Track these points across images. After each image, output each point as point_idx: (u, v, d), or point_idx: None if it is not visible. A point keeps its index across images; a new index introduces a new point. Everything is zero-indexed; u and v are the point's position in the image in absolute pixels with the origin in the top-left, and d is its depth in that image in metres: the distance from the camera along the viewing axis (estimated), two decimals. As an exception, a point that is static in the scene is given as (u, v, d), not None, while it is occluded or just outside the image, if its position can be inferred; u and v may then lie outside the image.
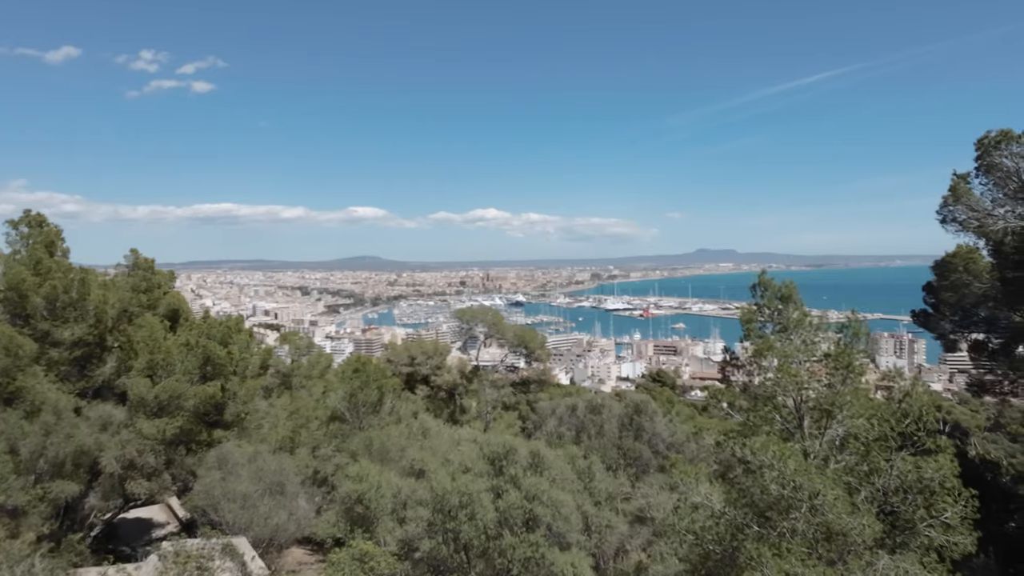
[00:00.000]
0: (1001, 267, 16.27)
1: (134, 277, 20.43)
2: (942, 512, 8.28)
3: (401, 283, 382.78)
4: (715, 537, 8.91)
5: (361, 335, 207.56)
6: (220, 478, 15.77)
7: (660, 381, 71.10)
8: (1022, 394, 26.73)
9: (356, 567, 9.19)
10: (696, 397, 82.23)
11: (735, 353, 9.90)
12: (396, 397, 20.97)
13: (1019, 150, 12.89)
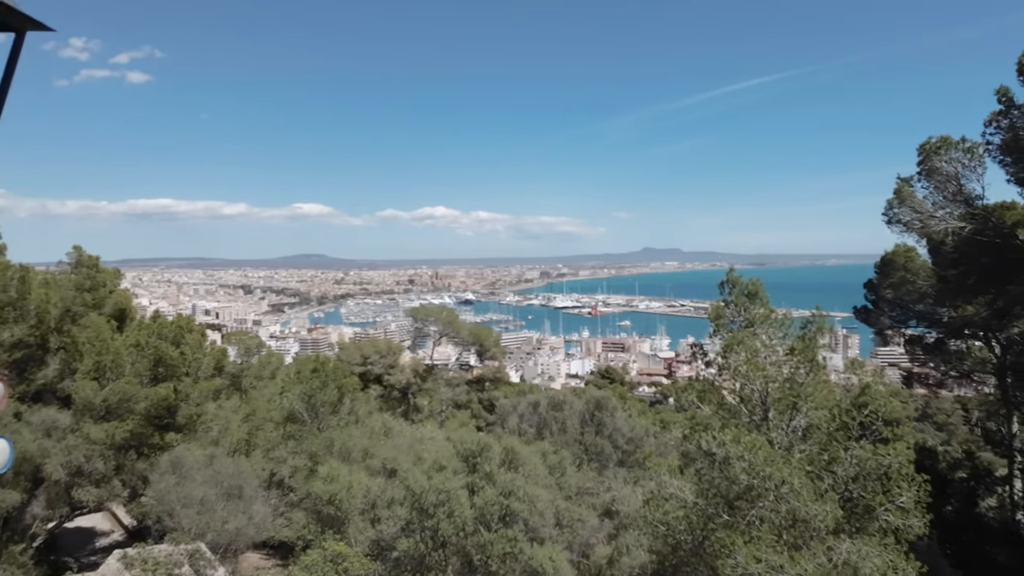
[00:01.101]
0: (940, 266, 17.22)
1: (78, 275, 19.52)
2: (898, 497, 8.75)
3: (348, 281, 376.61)
4: (687, 527, 9.17)
5: (307, 335, 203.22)
6: (175, 483, 15.24)
7: (609, 378, 72.26)
8: (951, 386, 28.34)
9: (329, 568, 9.06)
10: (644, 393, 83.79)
11: (704, 348, 10.20)
12: (355, 397, 20.66)
13: (957, 155, 13.67)
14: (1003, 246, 14.15)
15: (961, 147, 13.42)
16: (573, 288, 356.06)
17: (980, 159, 13.29)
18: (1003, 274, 14.80)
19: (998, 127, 12.41)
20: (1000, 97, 12.05)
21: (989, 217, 13.59)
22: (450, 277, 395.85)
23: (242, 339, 31.69)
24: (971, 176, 13.65)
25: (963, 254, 14.66)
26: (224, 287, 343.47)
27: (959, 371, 24.81)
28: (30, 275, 17.87)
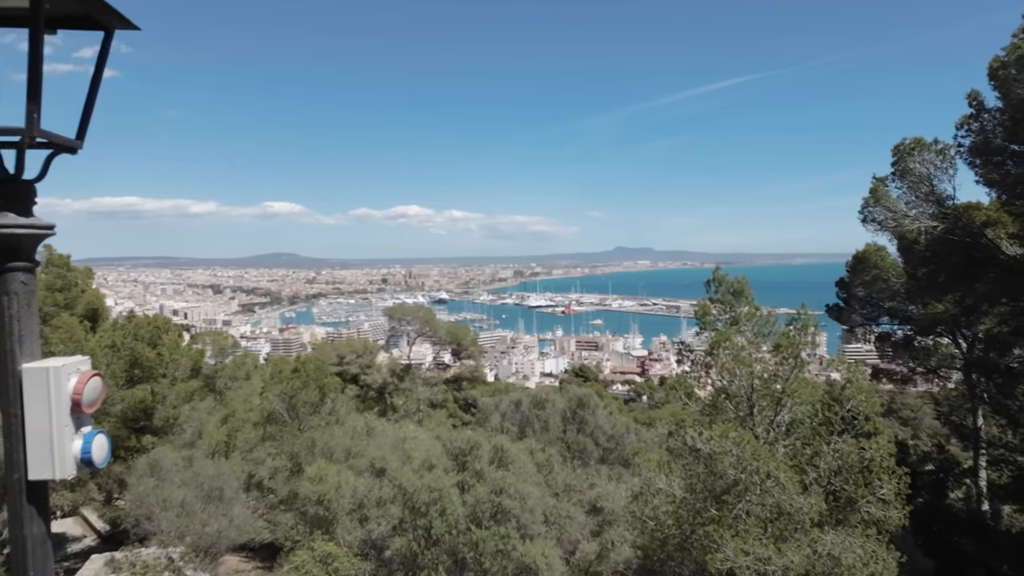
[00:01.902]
0: (911, 264, 17.69)
1: (48, 275, 19.02)
2: (879, 489, 9.01)
3: (320, 281, 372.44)
4: (675, 522, 9.32)
5: (279, 335, 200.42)
6: (154, 485, 14.97)
7: (583, 376, 72.68)
8: (917, 382, 29.11)
9: (319, 569, 9.01)
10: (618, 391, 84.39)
11: (689, 345, 10.37)
12: (337, 397, 20.50)
13: (930, 157, 14.08)
14: (972, 245, 14.61)
15: (934, 149, 13.83)
16: (547, 287, 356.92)
17: (952, 160, 13.71)
18: (971, 273, 15.28)
19: (969, 130, 12.81)
20: (971, 101, 12.45)
21: (960, 217, 14.03)
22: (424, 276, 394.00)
23: (216, 339, 31.22)
24: (943, 177, 14.08)
25: (934, 253, 15.11)
26: (193, 287, 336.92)
27: (926, 367, 25.51)
28: None
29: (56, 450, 1.97)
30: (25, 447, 1.98)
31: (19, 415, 1.97)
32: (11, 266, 1.99)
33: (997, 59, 11.44)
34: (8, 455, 2.02)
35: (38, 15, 1.65)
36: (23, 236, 1.99)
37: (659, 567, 10.73)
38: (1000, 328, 16.83)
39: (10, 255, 1.99)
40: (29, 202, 2.00)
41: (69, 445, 1.98)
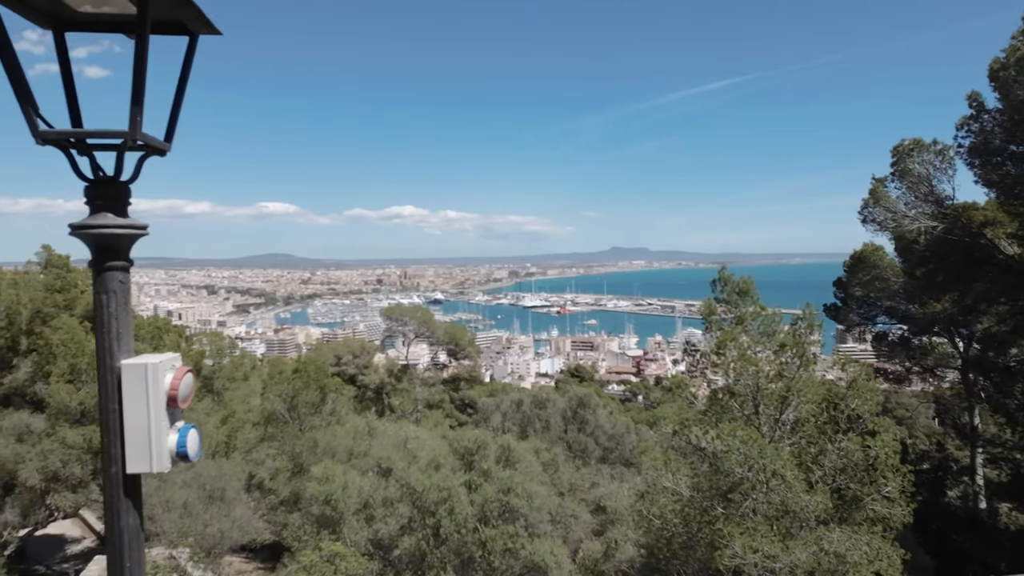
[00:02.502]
0: (910, 264, 17.80)
1: (47, 275, 18.93)
2: (884, 486, 9.08)
3: (315, 281, 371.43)
4: (682, 520, 9.37)
5: (273, 335, 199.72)
6: (156, 486, 14.93)
7: (579, 376, 72.71)
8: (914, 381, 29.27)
9: (328, 568, 9.03)
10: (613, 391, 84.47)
11: (695, 345, 10.42)
12: (338, 398, 20.50)
13: (929, 157, 14.19)
14: (971, 245, 14.73)
15: (933, 149, 13.94)
16: (542, 287, 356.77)
17: (951, 161, 13.82)
18: (970, 272, 15.40)
19: (969, 131, 12.92)
20: (971, 102, 12.56)
21: (959, 217, 14.14)
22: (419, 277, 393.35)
23: (214, 340, 31.13)
24: (942, 177, 14.19)
25: (934, 253, 15.22)
26: (187, 287, 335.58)
27: (923, 366, 25.66)
28: (0, 275, 17.33)
29: (153, 444, 2.01)
30: (123, 441, 2.02)
31: (117, 410, 2.02)
32: (109, 265, 2.05)
33: (997, 60, 11.54)
34: (105, 449, 2.06)
35: (145, 22, 1.70)
36: (120, 236, 2.04)
37: (664, 565, 10.78)
38: (999, 327, 16.96)
39: (109, 254, 2.04)
40: (125, 203, 2.05)
41: (165, 439, 2.02)
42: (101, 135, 1.93)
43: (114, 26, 1.82)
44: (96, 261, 2.07)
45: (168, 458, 2.02)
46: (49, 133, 1.94)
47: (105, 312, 2.04)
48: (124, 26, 1.80)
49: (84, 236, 2.05)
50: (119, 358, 2.03)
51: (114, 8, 1.71)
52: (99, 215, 2.03)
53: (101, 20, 1.78)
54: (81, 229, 2.03)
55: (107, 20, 1.79)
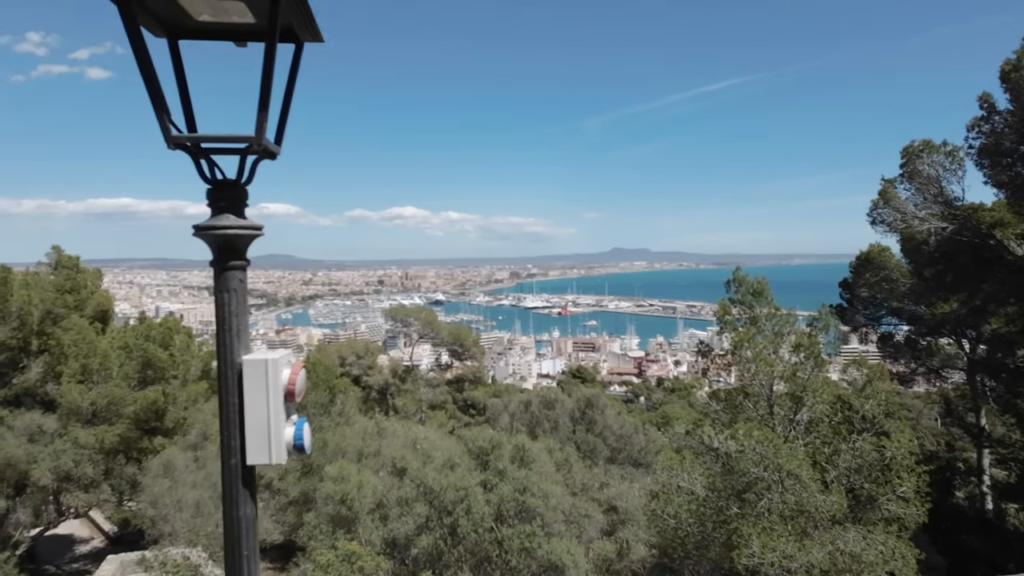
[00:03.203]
0: (918, 264, 17.82)
1: (58, 276, 19.01)
2: (898, 486, 9.12)
3: (316, 282, 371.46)
4: (697, 519, 9.42)
5: (275, 336, 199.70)
6: (168, 486, 15.01)
7: (580, 377, 72.67)
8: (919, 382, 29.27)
9: (345, 568, 9.07)
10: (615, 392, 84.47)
11: (709, 345, 10.47)
12: (346, 398, 20.55)
13: (938, 159, 14.23)
14: (980, 246, 14.76)
15: (943, 151, 13.98)
16: (543, 288, 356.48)
17: (960, 162, 13.85)
18: (979, 273, 15.43)
19: (980, 132, 12.95)
20: (982, 103, 12.59)
21: (969, 218, 14.17)
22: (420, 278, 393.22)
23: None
24: (952, 178, 14.23)
25: (943, 254, 15.25)
26: (188, 288, 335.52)
27: (928, 367, 25.67)
28: (11, 276, 17.38)
29: (272, 437, 2.07)
30: (243, 434, 2.08)
31: (237, 404, 2.07)
32: (230, 265, 2.12)
33: (1009, 62, 11.58)
34: (225, 442, 2.12)
35: (274, 31, 1.76)
36: (240, 236, 2.11)
37: (678, 565, 10.82)
38: (1008, 328, 16.98)
39: (229, 254, 2.11)
40: (244, 205, 2.13)
41: (283, 432, 2.08)
42: (227, 139, 2.00)
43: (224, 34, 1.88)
44: (218, 260, 2.14)
45: (285, 450, 2.08)
46: (180, 138, 2.00)
47: (226, 310, 2.11)
48: (233, 34, 1.86)
49: (207, 236, 2.12)
50: (239, 354, 2.09)
51: (232, 17, 1.78)
52: (221, 216, 2.10)
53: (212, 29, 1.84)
54: (205, 230, 2.10)
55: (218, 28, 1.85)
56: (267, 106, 1.93)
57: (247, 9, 1.73)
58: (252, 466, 2.14)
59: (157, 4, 1.72)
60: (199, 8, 1.72)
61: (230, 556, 2.07)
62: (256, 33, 1.89)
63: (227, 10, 1.73)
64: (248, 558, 2.05)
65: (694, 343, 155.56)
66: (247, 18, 1.78)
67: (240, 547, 2.04)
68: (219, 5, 1.71)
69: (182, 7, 1.71)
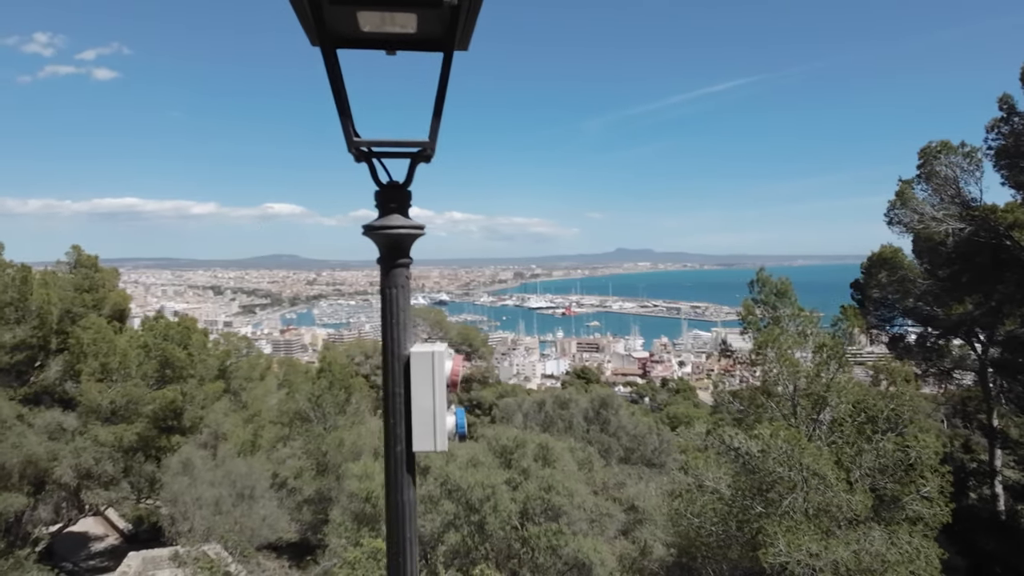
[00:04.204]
0: (934, 265, 17.82)
1: (76, 275, 19.17)
2: (922, 486, 9.17)
3: (321, 282, 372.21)
4: (721, 519, 9.47)
5: (280, 336, 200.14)
6: (188, 484, 15.12)
7: (585, 378, 72.69)
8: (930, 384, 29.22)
9: (372, 565, 9.15)
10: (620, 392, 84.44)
11: (730, 346, 10.52)
12: (362, 397, 20.65)
13: (956, 159, 14.26)
14: (997, 247, 14.78)
15: (960, 151, 14.01)
16: (547, 289, 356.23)
17: (979, 163, 13.88)
18: (996, 274, 15.44)
19: (999, 133, 12.97)
20: (1001, 105, 12.62)
21: (986, 219, 14.19)
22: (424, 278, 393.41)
23: (230, 340, 31.36)
24: (969, 179, 14.26)
25: (960, 255, 15.26)
26: (193, 288, 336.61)
27: (940, 368, 25.64)
28: (31, 275, 17.53)
29: (437, 425, 2.15)
30: (408, 423, 2.16)
31: (402, 394, 2.16)
32: (398, 263, 2.21)
33: (1029, 64, 11.61)
34: (390, 430, 2.20)
35: (452, 42, 1.84)
36: (406, 235, 2.21)
37: (700, 564, 10.88)
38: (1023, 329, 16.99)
39: (396, 253, 2.21)
40: (408, 206, 2.22)
41: (446, 420, 2.17)
42: (400, 144, 2.09)
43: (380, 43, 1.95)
44: (385, 258, 2.23)
45: (446, 438, 2.16)
46: (360, 142, 2.09)
47: (394, 305, 2.20)
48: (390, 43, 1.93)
49: (376, 236, 2.22)
50: (405, 346, 2.18)
51: (395, 28, 1.85)
52: (389, 217, 2.20)
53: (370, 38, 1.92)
54: (374, 230, 2.20)
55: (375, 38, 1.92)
56: (440, 113, 2.02)
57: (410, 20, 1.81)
58: (414, 453, 2.22)
59: (333, 15, 1.80)
60: (368, 20, 1.80)
61: (392, 539, 2.15)
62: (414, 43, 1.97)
63: (393, 21, 1.81)
64: (411, 541, 2.12)
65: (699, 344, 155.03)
66: (407, 28, 1.87)
67: (404, 531, 2.11)
68: (388, 16, 1.78)
69: (355, 18, 1.79)
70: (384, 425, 2.22)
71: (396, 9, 1.76)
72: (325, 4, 1.73)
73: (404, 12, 1.78)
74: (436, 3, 1.71)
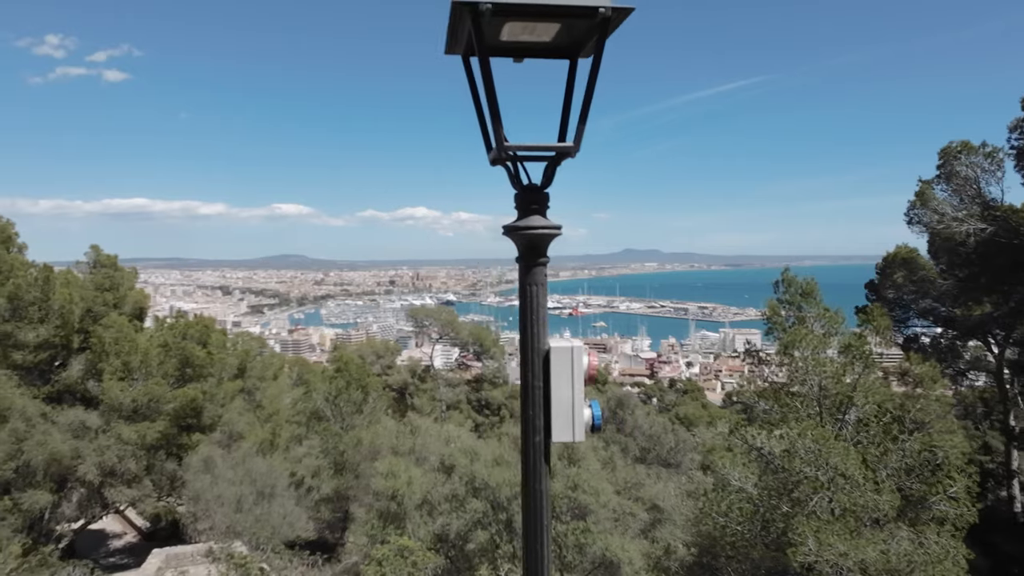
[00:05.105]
0: (952, 266, 17.77)
1: (96, 275, 19.35)
2: (949, 487, 9.17)
3: (328, 282, 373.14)
4: (748, 518, 9.50)
5: (288, 336, 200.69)
6: (210, 482, 15.27)
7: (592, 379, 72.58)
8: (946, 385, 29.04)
9: (399, 562, 9.24)
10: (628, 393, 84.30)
11: (756, 347, 10.55)
12: (378, 397, 20.77)
13: (977, 160, 14.22)
14: (1018, 247, 14.73)
15: (982, 152, 13.98)
16: (554, 289, 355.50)
17: (1000, 163, 13.84)
18: (1016, 275, 15.40)
19: (1022, 133, 12.94)
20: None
21: (1007, 219, 14.16)
22: (431, 278, 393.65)
23: (244, 339, 31.59)
24: (990, 180, 14.21)
25: (980, 255, 15.22)
26: (202, 288, 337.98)
27: (955, 369, 25.53)
28: (52, 275, 17.71)
29: (576, 417, 2.23)
30: (548, 414, 2.24)
31: (541, 387, 2.24)
32: (538, 261, 2.29)
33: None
34: (529, 421, 2.27)
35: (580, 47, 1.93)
36: (544, 235, 2.29)
37: (722, 564, 10.91)
38: (1043, 330, 16.91)
39: (535, 252, 2.29)
40: (547, 207, 2.30)
41: (583, 412, 2.24)
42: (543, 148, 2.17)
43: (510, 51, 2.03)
44: (524, 257, 2.31)
45: (583, 429, 2.23)
46: (510, 146, 2.17)
47: (534, 301, 2.28)
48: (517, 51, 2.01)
49: (516, 236, 2.30)
50: (545, 341, 2.26)
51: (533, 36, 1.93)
52: (530, 218, 2.27)
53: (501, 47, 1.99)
54: (514, 230, 2.27)
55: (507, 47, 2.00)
56: (586, 118, 2.10)
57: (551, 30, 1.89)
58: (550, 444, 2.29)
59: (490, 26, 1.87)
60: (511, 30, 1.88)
61: (529, 525, 2.22)
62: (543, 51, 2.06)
63: (534, 30, 1.89)
64: (545, 528, 2.20)
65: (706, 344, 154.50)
66: (542, 37, 1.94)
67: (541, 518, 2.19)
68: (530, 26, 1.86)
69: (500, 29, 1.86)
70: (522, 416, 2.30)
71: (550, 20, 1.83)
72: (486, 16, 1.80)
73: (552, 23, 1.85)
74: (591, 13, 1.78)
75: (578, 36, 1.95)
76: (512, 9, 1.80)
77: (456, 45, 1.99)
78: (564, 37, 1.97)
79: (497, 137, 2.10)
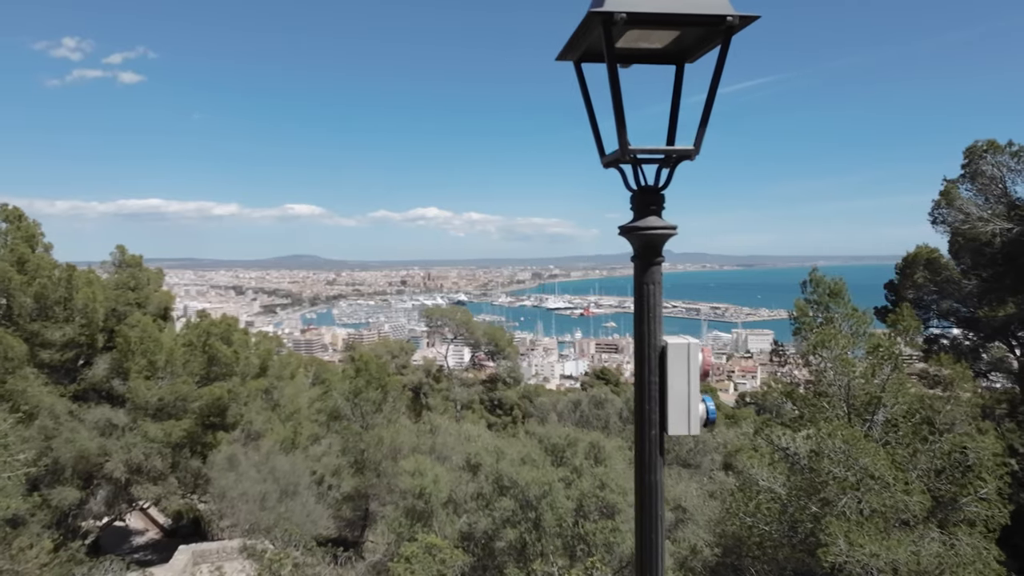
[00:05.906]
0: (975, 266, 17.62)
1: (121, 274, 19.60)
2: (980, 488, 9.12)
3: (340, 282, 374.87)
4: (776, 518, 9.49)
5: (300, 336, 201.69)
6: (234, 480, 15.42)
7: (604, 379, 72.48)
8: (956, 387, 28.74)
9: (428, 560, 9.31)
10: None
11: (784, 347, 10.53)
12: (398, 396, 20.88)
13: (1003, 159, 14.11)
14: (1044, 248, 14.59)
15: (1008, 151, 13.87)
16: (565, 289, 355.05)
17: (1027, 163, 13.71)
18: (1042, 275, 15.24)
19: (1050, 133, 12.83)
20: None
21: (1034, 219, 14.03)
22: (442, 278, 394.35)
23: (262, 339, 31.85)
24: (1016, 179, 14.10)
25: (1005, 255, 15.09)
26: (215, 288, 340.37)
27: (975, 371, 25.26)
28: (75, 274, 17.94)
29: (691, 411, 2.29)
30: (663, 408, 2.31)
31: (657, 382, 2.30)
32: (654, 260, 2.36)
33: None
34: (645, 415, 2.34)
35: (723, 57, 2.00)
36: (660, 235, 2.36)
37: (748, 564, 10.90)
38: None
39: (652, 251, 2.36)
40: (661, 207, 2.36)
41: (698, 407, 2.30)
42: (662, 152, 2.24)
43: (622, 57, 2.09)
44: (641, 256, 2.38)
45: (699, 423, 2.29)
46: (632, 149, 2.24)
47: (651, 299, 2.35)
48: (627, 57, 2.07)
49: (632, 236, 2.36)
50: (660, 338, 2.32)
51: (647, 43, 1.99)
52: (646, 219, 2.34)
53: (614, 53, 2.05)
54: (631, 231, 2.34)
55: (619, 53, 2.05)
56: (707, 122, 2.15)
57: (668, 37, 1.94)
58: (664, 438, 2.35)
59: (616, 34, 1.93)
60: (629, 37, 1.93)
61: (642, 516, 2.28)
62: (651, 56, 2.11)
63: (650, 37, 1.95)
64: (660, 518, 2.25)
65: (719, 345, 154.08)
66: (655, 44, 2.00)
67: (654, 509, 2.24)
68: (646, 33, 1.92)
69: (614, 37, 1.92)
70: (637, 409, 2.35)
71: (676, 28, 1.89)
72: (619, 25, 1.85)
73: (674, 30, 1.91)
74: (718, 22, 1.84)
75: (689, 43, 2.01)
76: (644, 18, 1.84)
77: (571, 52, 2.05)
78: (676, 44, 2.02)
79: (621, 140, 2.16)
